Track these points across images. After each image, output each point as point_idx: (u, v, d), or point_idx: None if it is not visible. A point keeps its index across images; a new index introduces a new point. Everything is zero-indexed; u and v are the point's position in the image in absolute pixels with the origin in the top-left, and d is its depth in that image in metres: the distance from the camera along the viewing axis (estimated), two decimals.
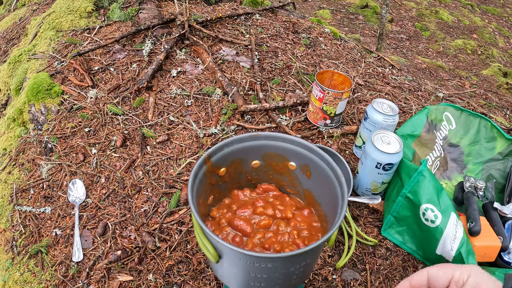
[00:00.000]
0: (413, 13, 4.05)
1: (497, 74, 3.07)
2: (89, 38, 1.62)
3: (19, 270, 0.98)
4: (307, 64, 1.60)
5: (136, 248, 0.96)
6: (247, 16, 1.86)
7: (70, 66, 1.46)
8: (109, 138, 1.23)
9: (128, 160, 1.16)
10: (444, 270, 0.42)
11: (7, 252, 1.04)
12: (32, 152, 1.24)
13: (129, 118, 1.28)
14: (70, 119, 1.29)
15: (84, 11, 1.76)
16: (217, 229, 0.71)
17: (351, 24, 3.72)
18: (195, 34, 1.64)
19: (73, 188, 1.10)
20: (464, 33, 3.75)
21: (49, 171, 1.17)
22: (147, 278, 0.90)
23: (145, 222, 1.01)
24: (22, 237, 1.04)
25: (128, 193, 1.08)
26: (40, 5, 2.08)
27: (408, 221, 0.95)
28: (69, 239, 1.00)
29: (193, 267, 0.92)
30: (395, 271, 0.93)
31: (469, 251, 0.82)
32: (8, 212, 1.12)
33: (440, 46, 3.48)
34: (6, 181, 1.21)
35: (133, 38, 1.60)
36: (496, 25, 4.03)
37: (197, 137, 1.23)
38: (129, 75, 1.44)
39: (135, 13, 1.74)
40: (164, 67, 1.47)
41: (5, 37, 2.02)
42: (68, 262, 0.95)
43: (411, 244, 0.96)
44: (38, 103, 1.36)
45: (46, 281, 0.94)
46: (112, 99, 1.34)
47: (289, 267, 0.56)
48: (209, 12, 1.84)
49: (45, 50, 1.59)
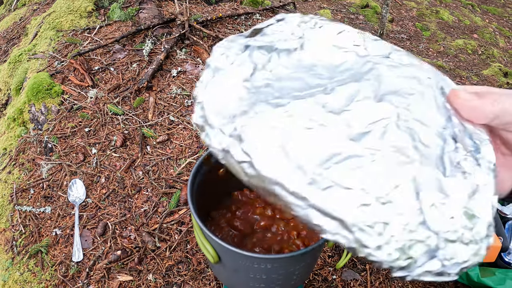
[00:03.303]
0: (413, 13, 4.05)
1: (498, 74, 3.07)
2: (89, 38, 1.62)
3: (19, 270, 0.98)
4: None
5: (136, 248, 0.96)
6: (247, 16, 1.85)
7: (70, 66, 1.46)
8: (109, 138, 1.23)
9: (128, 160, 1.16)
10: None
11: (7, 252, 1.04)
12: (32, 152, 1.24)
13: (129, 118, 1.28)
14: (70, 119, 1.29)
15: (84, 11, 1.76)
16: (216, 230, 0.71)
17: (351, 24, 3.71)
18: (195, 34, 1.64)
19: (73, 188, 1.10)
20: (464, 33, 3.75)
21: (49, 171, 1.17)
22: (147, 278, 0.90)
23: (145, 222, 1.01)
24: (22, 237, 1.04)
25: (128, 193, 1.08)
26: (40, 5, 2.08)
27: None
28: (69, 239, 1.00)
29: (193, 267, 0.92)
30: None
31: None
32: (8, 212, 1.12)
33: (441, 46, 3.48)
34: (6, 181, 1.21)
35: (133, 38, 1.60)
36: (496, 25, 4.03)
37: (197, 137, 1.23)
38: (129, 75, 1.43)
39: (135, 13, 1.73)
40: (164, 67, 1.47)
41: (5, 37, 2.02)
42: (68, 262, 0.95)
43: None
44: (38, 103, 1.36)
45: (46, 281, 0.94)
46: (112, 99, 1.34)
47: (289, 267, 0.56)
48: (210, 12, 1.84)
49: (45, 50, 1.59)
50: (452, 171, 0.27)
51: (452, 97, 0.34)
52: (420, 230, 0.23)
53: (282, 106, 0.27)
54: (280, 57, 0.32)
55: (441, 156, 0.27)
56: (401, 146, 0.27)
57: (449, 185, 0.26)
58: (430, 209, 0.24)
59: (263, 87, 0.29)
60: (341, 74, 0.32)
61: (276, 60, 0.32)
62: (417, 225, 0.23)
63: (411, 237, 0.23)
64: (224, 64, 0.30)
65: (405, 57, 0.35)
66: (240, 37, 0.34)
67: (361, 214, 0.22)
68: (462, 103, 0.33)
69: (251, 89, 0.28)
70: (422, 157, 0.27)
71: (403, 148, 0.26)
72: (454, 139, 0.29)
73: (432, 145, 0.28)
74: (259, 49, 0.32)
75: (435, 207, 0.24)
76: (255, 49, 0.32)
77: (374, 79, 0.32)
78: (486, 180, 0.27)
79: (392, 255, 0.23)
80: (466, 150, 0.29)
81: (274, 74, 0.30)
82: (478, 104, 0.32)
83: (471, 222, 0.25)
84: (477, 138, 0.31)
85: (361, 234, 0.22)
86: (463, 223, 0.24)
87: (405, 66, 0.34)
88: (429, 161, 0.27)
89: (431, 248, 0.23)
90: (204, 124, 0.27)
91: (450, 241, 0.23)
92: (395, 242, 0.22)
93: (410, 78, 0.33)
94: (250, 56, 0.31)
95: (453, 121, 0.31)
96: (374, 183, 0.24)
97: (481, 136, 0.31)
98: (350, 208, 0.22)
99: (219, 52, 0.31)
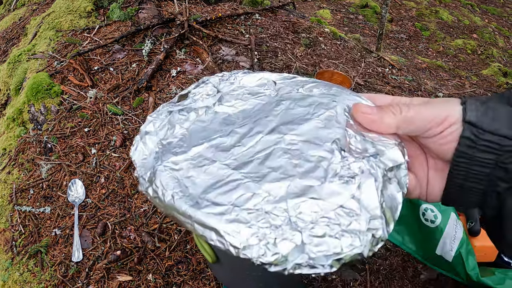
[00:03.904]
0: (413, 13, 4.05)
1: (497, 74, 3.07)
2: (88, 38, 1.62)
3: (18, 270, 0.98)
4: (307, 64, 1.60)
5: (136, 248, 0.96)
6: (247, 16, 1.85)
7: (69, 66, 1.46)
8: (108, 138, 1.23)
9: (127, 160, 1.16)
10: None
11: (6, 252, 1.04)
12: (31, 152, 1.24)
13: (128, 118, 1.28)
14: (70, 119, 1.29)
15: (84, 11, 1.76)
16: None
17: (351, 24, 3.72)
18: (195, 34, 1.64)
19: (73, 188, 1.10)
20: (464, 33, 3.75)
21: (48, 171, 1.17)
22: (146, 278, 0.90)
23: (144, 222, 1.01)
24: (22, 237, 1.04)
25: (128, 193, 1.08)
26: (39, 5, 2.08)
27: (408, 221, 0.94)
28: (68, 239, 1.00)
29: (192, 267, 0.92)
30: (394, 271, 0.93)
31: (469, 251, 0.82)
32: (7, 212, 1.12)
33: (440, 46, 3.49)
34: (6, 181, 1.21)
35: (132, 38, 1.60)
36: (496, 25, 4.04)
37: None
38: (128, 75, 1.43)
39: (135, 13, 1.73)
40: (163, 67, 1.47)
41: (4, 37, 2.02)
42: (67, 262, 0.95)
43: (411, 244, 0.96)
44: (38, 103, 1.36)
45: (46, 281, 0.94)
46: (112, 99, 1.34)
47: None
48: (209, 12, 1.84)
49: (44, 50, 1.59)
50: (330, 178, 0.31)
51: (354, 112, 0.37)
52: (285, 228, 0.27)
53: (183, 153, 0.34)
54: (199, 115, 0.39)
55: (325, 168, 0.32)
56: (279, 166, 0.32)
57: (324, 190, 0.30)
58: (296, 211, 0.28)
59: (175, 142, 0.36)
60: (250, 118, 0.38)
61: (194, 118, 0.39)
62: (282, 226, 0.28)
63: (275, 235, 0.27)
64: (150, 129, 0.38)
65: (315, 89, 0.41)
66: (169, 104, 0.41)
67: (228, 223, 0.28)
68: (362, 117, 0.36)
69: (165, 145, 0.36)
70: (300, 171, 0.32)
71: (280, 168, 0.32)
72: (342, 150, 0.33)
73: (314, 160, 0.32)
74: (180, 112, 0.40)
75: (302, 210, 0.29)
76: (176, 113, 0.39)
77: (274, 116, 0.38)
78: (370, 179, 0.31)
79: (260, 251, 0.27)
80: (358, 157, 0.33)
81: (189, 130, 0.38)
82: (376, 117, 0.35)
83: (348, 218, 0.28)
84: (382, 144, 0.35)
85: (230, 238, 0.27)
86: (337, 221, 0.28)
87: (311, 96, 0.40)
88: (307, 174, 0.31)
89: (298, 245, 0.27)
90: (138, 176, 0.34)
91: (315, 236, 0.27)
92: (259, 241, 0.27)
93: (312, 105, 0.38)
94: (171, 119, 0.39)
95: (349, 133, 0.35)
96: (244, 199, 0.29)
97: (387, 142, 0.35)
98: (220, 219, 0.28)
99: (149, 120, 0.39)
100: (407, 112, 0.34)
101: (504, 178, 0.32)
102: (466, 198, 0.34)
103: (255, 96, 0.41)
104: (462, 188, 0.34)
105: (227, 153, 0.34)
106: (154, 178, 0.33)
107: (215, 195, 0.30)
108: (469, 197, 0.34)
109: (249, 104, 0.40)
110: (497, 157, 0.31)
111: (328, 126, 0.36)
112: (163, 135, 0.37)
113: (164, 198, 0.31)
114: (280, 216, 0.28)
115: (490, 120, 0.31)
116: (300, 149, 0.34)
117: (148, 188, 0.33)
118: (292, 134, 0.35)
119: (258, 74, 0.43)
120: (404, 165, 0.34)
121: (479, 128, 0.32)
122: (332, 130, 0.35)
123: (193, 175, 0.32)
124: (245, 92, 0.42)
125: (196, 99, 0.41)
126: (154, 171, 0.33)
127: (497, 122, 0.31)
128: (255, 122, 0.37)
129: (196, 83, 0.44)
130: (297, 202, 0.29)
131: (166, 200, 0.31)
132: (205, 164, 0.33)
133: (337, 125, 0.36)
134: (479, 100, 0.33)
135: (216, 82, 0.43)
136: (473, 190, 0.33)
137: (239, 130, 0.36)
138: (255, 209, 0.29)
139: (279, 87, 0.42)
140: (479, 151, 0.32)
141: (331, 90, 0.41)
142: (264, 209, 0.29)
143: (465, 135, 0.32)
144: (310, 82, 0.42)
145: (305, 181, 0.31)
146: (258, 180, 0.31)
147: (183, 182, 0.32)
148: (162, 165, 0.34)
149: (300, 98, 0.40)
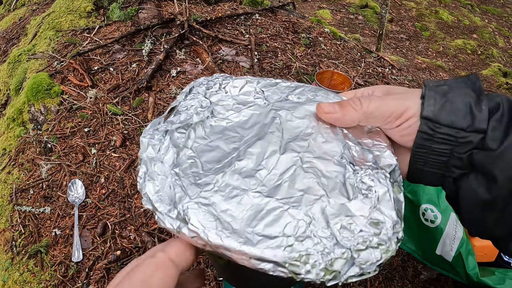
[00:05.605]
0: (413, 13, 4.05)
1: (497, 74, 3.07)
2: (88, 38, 1.62)
3: (18, 270, 0.98)
4: (307, 64, 1.60)
5: (136, 248, 0.96)
6: (246, 16, 1.86)
7: (69, 66, 1.46)
8: (108, 138, 1.23)
9: (127, 160, 1.16)
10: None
11: (6, 252, 1.04)
12: (31, 152, 1.24)
13: (128, 118, 1.28)
14: (70, 119, 1.29)
15: (84, 11, 1.76)
16: None
17: (351, 24, 3.72)
18: (195, 34, 1.64)
19: (73, 188, 1.10)
20: (464, 33, 3.75)
21: (48, 171, 1.17)
22: None
23: (144, 222, 1.01)
24: (22, 237, 1.04)
25: (128, 193, 1.08)
26: (39, 5, 2.08)
27: (407, 221, 0.95)
28: (68, 239, 1.00)
29: (192, 267, 0.92)
30: (394, 271, 0.93)
31: (469, 251, 0.82)
32: (7, 212, 1.12)
33: (440, 46, 3.49)
34: (6, 181, 1.21)
35: (132, 38, 1.60)
36: (496, 25, 4.04)
37: None
38: (128, 75, 1.43)
39: (135, 13, 1.73)
40: (163, 67, 1.47)
41: (4, 37, 2.02)
42: (67, 262, 0.95)
43: (411, 244, 0.96)
44: (38, 103, 1.36)
45: (46, 281, 0.94)
46: (112, 99, 1.34)
47: None
48: (209, 12, 1.84)
49: (44, 50, 1.59)
50: (354, 194, 0.33)
51: (318, 113, 0.39)
52: (336, 250, 0.29)
53: (207, 184, 0.33)
54: (197, 131, 0.38)
55: (343, 182, 0.34)
56: (308, 187, 0.33)
57: (354, 207, 0.32)
58: (340, 231, 0.31)
59: (188, 168, 0.34)
60: (249, 131, 0.38)
61: (194, 135, 0.38)
62: (332, 246, 0.30)
63: (330, 257, 0.29)
64: (152, 154, 0.35)
65: (302, 95, 0.42)
66: (160, 121, 0.39)
67: (287, 253, 0.29)
68: (326, 117, 0.38)
69: (180, 173, 0.34)
70: (327, 189, 0.33)
71: (309, 189, 0.33)
72: (351, 164, 0.35)
73: (333, 176, 0.34)
74: (177, 130, 0.38)
75: (344, 228, 0.31)
76: (174, 132, 0.37)
77: (277, 129, 0.38)
78: (384, 188, 0.33)
79: (320, 274, 0.29)
80: (365, 168, 0.35)
81: (195, 150, 0.36)
82: (339, 115, 0.37)
83: (378, 228, 0.31)
84: (376, 149, 0.36)
85: (292, 267, 0.29)
86: (371, 232, 0.31)
87: (302, 104, 0.41)
88: (334, 192, 0.33)
89: (348, 260, 0.29)
90: (154, 210, 0.32)
91: (361, 250, 0.30)
92: (319, 265, 0.29)
93: (308, 116, 0.39)
94: (171, 140, 0.37)
95: (349, 145, 0.37)
96: (292, 227, 0.30)
97: (380, 146, 0.37)
98: (278, 251, 0.29)
99: (146, 143, 0.36)
100: (367, 106, 0.36)
101: (459, 165, 0.34)
102: (427, 180, 0.37)
103: (246, 106, 0.41)
104: (423, 172, 0.36)
105: (253, 179, 0.34)
106: (188, 218, 0.31)
107: (262, 227, 0.30)
108: (430, 179, 0.37)
109: (243, 115, 0.40)
110: (452, 148, 0.33)
111: (329, 140, 0.37)
112: (171, 162, 0.35)
113: (208, 238, 0.30)
114: (327, 238, 0.30)
115: (447, 113, 0.33)
116: (316, 167, 0.35)
117: (182, 228, 0.31)
118: (305, 152, 0.36)
119: (239, 80, 0.44)
120: (397, 166, 0.36)
121: (436, 122, 0.33)
122: (335, 144, 0.37)
123: (230, 209, 0.31)
124: (234, 102, 0.42)
125: (188, 115, 0.39)
126: (184, 209, 0.31)
127: (454, 115, 0.33)
128: (262, 137, 0.37)
129: (182, 92, 0.42)
130: (337, 222, 0.31)
131: (212, 241, 0.30)
132: (237, 194, 0.32)
133: (335, 137, 0.37)
134: (439, 91, 0.35)
135: (203, 91, 0.42)
136: (432, 174, 0.36)
137: (252, 150, 0.36)
138: (306, 235, 0.30)
139: (267, 95, 0.42)
140: (436, 143, 0.34)
141: (316, 96, 0.42)
142: (313, 233, 0.30)
143: (422, 130, 0.34)
144: (294, 87, 0.43)
145: (336, 200, 0.32)
146: (297, 206, 0.32)
147: (223, 218, 0.31)
148: (193, 201, 0.32)
149: (292, 106, 0.41)
